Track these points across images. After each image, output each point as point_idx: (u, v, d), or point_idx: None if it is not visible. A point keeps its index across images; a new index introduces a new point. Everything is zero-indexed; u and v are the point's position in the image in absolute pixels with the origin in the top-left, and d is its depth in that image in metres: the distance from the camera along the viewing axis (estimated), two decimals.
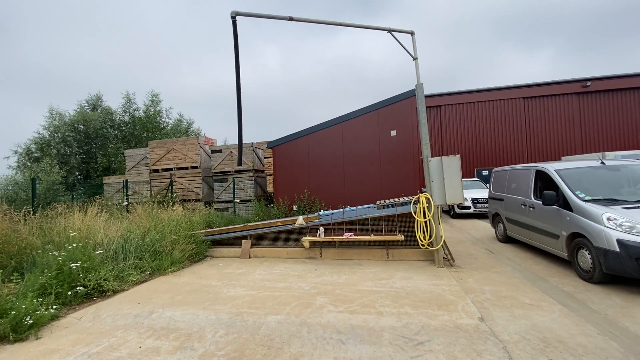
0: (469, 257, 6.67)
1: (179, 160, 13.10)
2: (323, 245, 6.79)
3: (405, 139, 9.91)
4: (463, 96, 20.40)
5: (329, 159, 10.49)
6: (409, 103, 9.86)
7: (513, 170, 7.49)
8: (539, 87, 19.61)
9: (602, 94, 19.05)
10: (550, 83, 19.50)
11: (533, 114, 19.51)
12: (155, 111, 22.21)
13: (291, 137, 10.77)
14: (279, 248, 7.04)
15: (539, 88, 19.61)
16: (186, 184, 12.89)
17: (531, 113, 19.54)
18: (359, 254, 6.57)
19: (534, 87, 19.62)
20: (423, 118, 5.92)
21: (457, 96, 20.48)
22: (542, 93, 19.46)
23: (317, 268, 6.03)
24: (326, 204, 10.24)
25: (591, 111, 19.14)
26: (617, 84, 18.60)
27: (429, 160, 5.81)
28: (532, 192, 6.43)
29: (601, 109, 19.07)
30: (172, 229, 6.80)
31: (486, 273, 5.48)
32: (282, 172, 10.91)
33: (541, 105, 19.52)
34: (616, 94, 18.92)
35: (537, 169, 6.37)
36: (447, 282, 4.98)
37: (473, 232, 9.68)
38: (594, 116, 19.10)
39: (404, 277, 5.30)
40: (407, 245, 6.45)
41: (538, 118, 19.43)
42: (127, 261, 5.77)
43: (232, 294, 4.75)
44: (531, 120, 19.49)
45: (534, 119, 19.47)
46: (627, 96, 18.72)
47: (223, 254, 7.28)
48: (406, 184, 9.94)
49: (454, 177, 5.56)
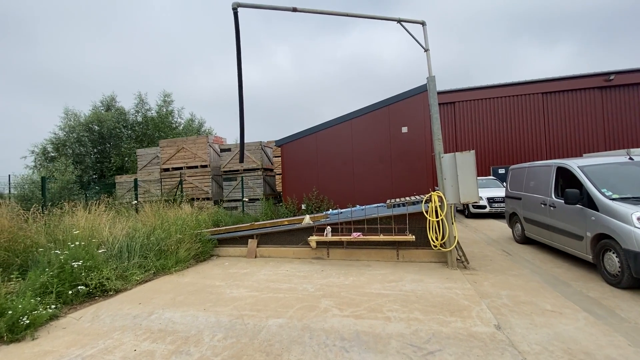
0: (485, 258, 6.34)
1: (188, 159, 13.12)
2: (330, 246, 6.57)
3: (417, 136, 9.58)
4: (478, 92, 19.79)
5: (337, 157, 10.26)
6: (421, 99, 9.52)
7: (532, 168, 7.09)
8: (559, 82, 18.82)
9: (627, 88, 18.13)
10: (571, 77, 18.68)
11: (553, 109, 18.74)
12: (167, 111, 22.46)
13: (299, 135, 10.59)
14: (285, 248, 6.87)
15: (559, 83, 18.83)
16: (196, 183, 12.90)
17: (551, 109, 18.77)
18: (368, 254, 6.33)
19: (553, 82, 18.83)
20: (435, 112, 5.62)
21: (472, 92, 19.88)
22: (563, 88, 18.67)
23: (324, 269, 5.83)
24: (335, 203, 10.01)
25: (615, 106, 18.24)
26: None
27: (442, 157, 5.52)
28: (552, 191, 6.05)
29: (626, 103, 18.15)
30: (177, 228, 6.72)
31: (503, 276, 5.15)
32: (290, 171, 10.75)
33: (561, 100, 18.72)
34: None
35: (559, 165, 5.97)
36: (461, 285, 4.69)
37: (489, 233, 9.28)
38: (617, 111, 18.20)
39: (414, 279, 5.03)
40: (418, 246, 6.16)
41: (558, 114, 18.65)
42: (132, 260, 5.70)
43: (234, 295, 4.60)
44: (550, 116, 18.72)
45: (553, 114, 18.70)
46: None
47: (229, 253, 7.16)
48: (418, 182, 9.61)
49: (468, 174, 5.25)
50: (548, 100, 18.89)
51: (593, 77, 18.44)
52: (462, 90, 20.09)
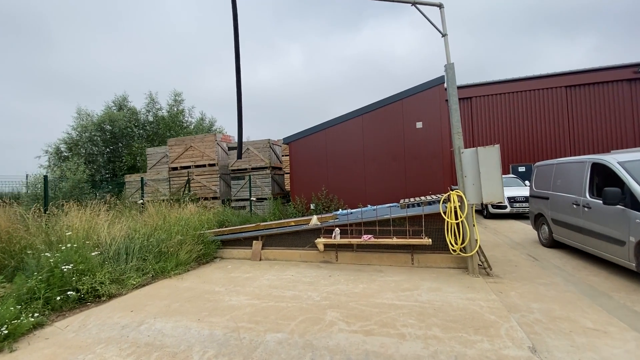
0: (509, 264, 5.77)
1: (197, 158, 12.91)
2: (339, 249, 6.14)
3: (433, 132, 9.02)
4: (497, 86, 18.89)
5: (348, 154, 9.80)
6: (437, 92, 8.95)
7: (561, 164, 6.46)
8: (584, 75, 17.74)
9: None
10: (597, 69, 17.57)
11: (577, 104, 17.68)
12: (178, 110, 22.45)
13: (308, 132, 10.18)
14: (291, 250, 6.48)
15: (584, 75, 17.74)
16: (204, 182, 12.67)
17: (575, 103, 17.72)
18: (380, 258, 5.86)
19: (578, 75, 17.77)
20: (454, 103, 5.10)
21: (490, 87, 18.99)
22: (588, 81, 17.58)
23: (332, 274, 5.40)
24: (345, 203, 9.56)
25: None
26: None
27: (462, 152, 5.00)
28: (586, 189, 5.43)
29: None
30: (179, 229, 6.43)
31: (531, 285, 4.60)
32: (298, 169, 10.35)
33: (587, 94, 17.64)
34: None
35: (594, 161, 5.35)
36: (485, 296, 4.18)
37: (511, 235, 8.65)
38: None
39: (431, 288, 4.54)
40: (435, 250, 5.66)
41: (583, 108, 17.58)
42: (129, 263, 5.42)
43: (233, 303, 4.23)
44: (575, 111, 17.68)
45: (578, 109, 17.64)
46: None
47: (233, 255, 6.83)
48: (434, 181, 9.05)
49: (492, 171, 4.72)
50: (572, 94, 17.84)
51: (621, 68, 17.28)
52: (480, 84, 19.24)
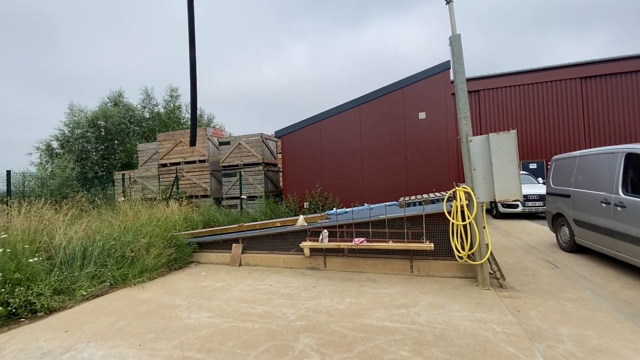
0: (525, 272, 4.94)
1: (186, 153, 12.23)
2: (328, 253, 5.37)
3: (437, 123, 8.18)
4: (506, 79, 17.87)
5: (344, 148, 9.00)
6: (442, 79, 8.11)
7: (586, 157, 5.59)
8: (600, 65, 16.67)
9: None
10: (614, 59, 16.47)
11: (593, 96, 16.61)
12: (174, 106, 21.84)
13: (301, 125, 9.41)
14: (275, 255, 5.72)
15: (599, 66, 16.67)
16: (194, 179, 11.99)
17: (591, 95, 16.65)
18: (374, 265, 5.07)
19: (594, 65, 16.70)
20: (461, 82, 4.28)
21: (499, 79, 17.98)
22: (604, 72, 16.51)
23: (317, 284, 4.62)
24: (341, 202, 8.78)
25: None
26: None
27: (470, 140, 4.18)
28: (619, 185, 4.57)
29: None
30: (149, 230, 5.72)
31: (555, 301, 3.78)
32: (291, 165, 9.59)
33: (603, 85, 16.56)
34: None
35: (630, 151, 4.49)
36: (499, 316, 3.37)
37: (524, 237, 7.78)
38: None
39: (432, 304, 3.75)
40: (438, 256, 4.85)
41: (599, 101, 16.51)
42: (85, 269, 4.72)
43: (190, 322, 3.48)
44: (591, 104, 16.61)
45: (593, 102, 16.57)
46: None
47: (211, 259, 6.09)
48: (439, 178, 8.21)
49: (508, 162, 3.89)
50: (587, 86, 16.77)
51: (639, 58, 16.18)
52: (488, 77, 18.25)
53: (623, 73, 16.40)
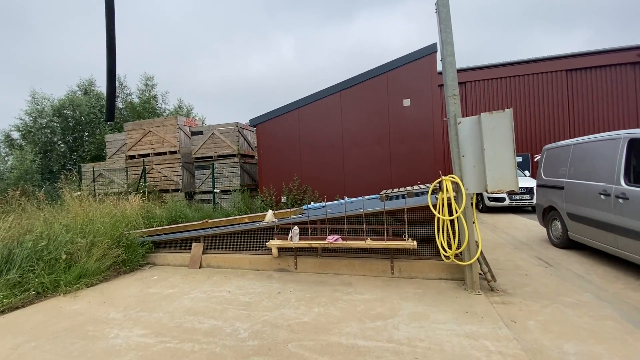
0: (517, 272, 4.45)
1: (156, 144, 11.33)
2: (300, 253, 4.74)
3: (423, 110, 7.63)
4: (492, 70, 17.54)
5: (324, 137, 8.37)
6: (428, 63, 7.54)
7: (582, 145, 5.12)
8: (585, 58, 16.52)
9: None
10: (599, 52, 16.35)
11: (578, 88, 16.48)
12: (150, 96, 20.67)
13: (278, 112, 8.71)
14: (240, 255, 5.06)
15: (585, 58, 16.51)
16: (164, 172, 11.12)
17: (576, 88, 16.51)
18: (350, 266, 4.48)
19: (579, 58, 16.54)
20: (449, 55, 3.68)
21: (485, 71, 17.63)
22: (589, 64, 16.38)
23: (283, 289, 4.00)
24: (321, 195, 8.17)
25: None
26: None
27: (459, 122, 3.60)
28: (621, 175, 4.10)
29: None
30: (91, 228, 4.95)
31: (554, 307, 3.27)
32: (267, 156, 8.90)
33: (588, 78, 16.44)
34: None
35: (634, 136, 4.01)
36: (492, 329, 2.82)
37: (512, 232, 7.36)
38: None
39: (414, 314, 3.17)
40: (422, 255, 4.30)
41: (584, 93, 16.39)
42: (6, 275, 3.95)
43: (116, 344, 2.80)
44: (576, 97, 16.47)
45: (579, 94, 16.44)
46: None
47: (168, 261, 5.38)
48: (423, 170, 7.70)
49: (502, 146, 3.33)
50: (573, 79, 16.63)
51: (625, 51, 16.12)
52: (474, 68, 17.87)
53: (608, 66, 16.31)
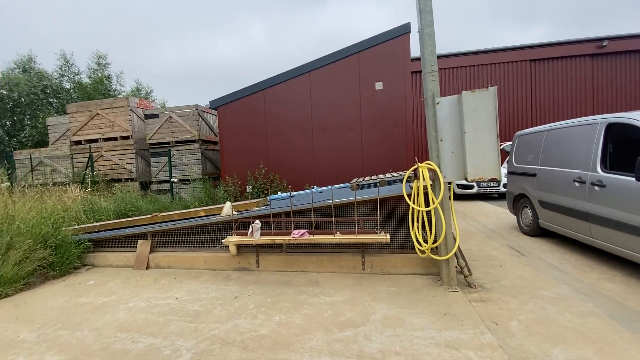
0: (491, 263, 4.25)
1: (105, 128, 10.18)
2: (262, 250, 4.25)
3: (396, 95, 7.26)
4: (459, 59, 17.58)
5: (292, 122, 7.80)
6: (402, 44, 7.15)
7: (555, 131, 4.99)
8: (550, 48, 17.05)
9: (618, 55, 16.64)
10: (562, 43, 16.90)
11: (541, 78, 16.99)
12: (102, 75, 18.80)
13: (242, 94, 7.99)
14: (194, 253, 4.47)
15: (549, 49, 17.04)
16: (116, 160, 10.05)
17: (539, 77, 17.01)
18: (318, 263, 4.06)
19: (543, 48, 17.04)
20: (428, 25, 3.25)
21: (454, 59, 17.64)
22: (553, 55, 16.90)
23: (241, 293, 3.50)
24: (289, 184, 7.65)
25: (605, 75, 16.77)
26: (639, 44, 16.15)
27: (437, 102, 3.21)
28: (598, 162, 3.95)
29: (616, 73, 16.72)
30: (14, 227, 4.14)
31: (534, 304, 3.05)
32: (230, 142, 8.19)
33: (551, 68, 16.99)
34: (634, 56, 16.55)
35: (612, 121, 3.85)
36: (474, 333, 2.51)
37: (482, 219, 7.30)
38: (607, 81, 16.75)
39: (388, 318, 2.81)
40: (395, 248, 3.97)
41: (546, 83, 16.94)
42: None
43: None
44: (539, 86, 16.99)
45: (542, 84, 16.97)
46: None
47: (109, 261, 4.67)
48: (396, 157, 7.41)
49: (484, 129, 2.99)
50: (537, 68, 17.11)
51: (586, 42, 16.77)
52: (443, 56, 17.80)
53: (570, 57, 16.91)
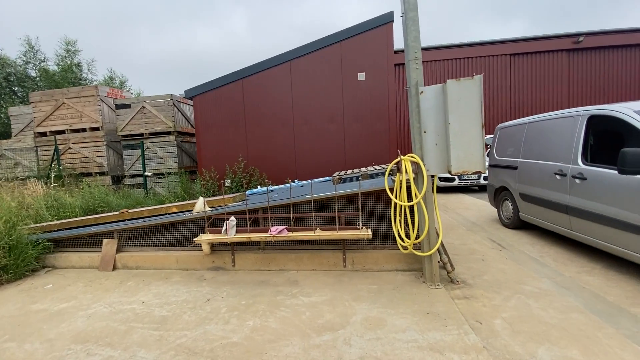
0: (473, 257, 4.20)
1: (73, 119, 9.55)
2: (238, 248, 4.03)
3: (379, 86, 7.10)
4: (442, 52, 17.61)
5: (273, 114, 7.52)
6: (384, 33, 6.96)
7: (537, 123, 4.96)
8: (528, 43, 17.31)
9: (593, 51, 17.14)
10: (540, 38, 17.23)
11: (519, 72, 17.28)
12: (72, 63, 17.73)
13: (219, 83, 7.61)
14: (166, 252, 4.20)
15: (527, 43, 17.30)
16: (85, 152, 9.48)
17: (519, 71, 17.29)
18: (298, 261, 3.88)
19: (522, 42, 17.28)
20: (412, 9, 3.06)
21: (436, 52, 17.63)
22: (531, 49, 17.20)
23: (214, 295, 3.28)
24: (269, 178, 7.41)
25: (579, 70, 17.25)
26: (613, 40, 16.66)
27: (421, 92, 3.05)
28: (579, 154, 3.93)
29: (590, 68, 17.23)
30: None
31: (517, 298, 2.99)
32: (207, 133, 7.83)
33: (529, 62, 17.31)
34: (609, 52, 17.08)
35: (594, 113, 3.82)
36: (458, 334, 2.41)
37: (463, 212, 7.32)
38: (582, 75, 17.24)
39: (369, 319, 2.67)
40: (377, 244, 3.84)
41: (525, 77, 17.25)
42: None
43: None
44: (518, 80, 17.29)
45: (521, 78, 17.27)
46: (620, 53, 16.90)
47: (72, 262, 4.32)
48: (379, 149, 7.28)
49: (470, 120, 2.86)
50: (516, 62, 17.38)
51: (562, 38, 17.16)
52: (425, 49, 17.79)
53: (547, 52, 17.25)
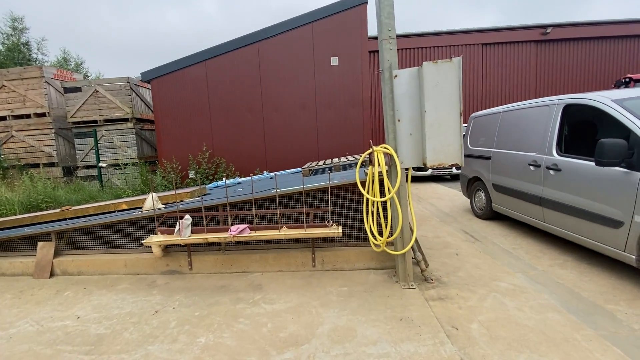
0: (447, 252, 4.06)
1: (15, 103, 8.52)
2: (196, 249, 3.63)
3: (352, 71, 6.77)
4: (416, 40, 17.40)
5: (240, 99, 7.01)
6: (359, 15, 6.60)
7: (512, 112, 4.84)
8: (499, 33, 17.56)
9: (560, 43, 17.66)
10: (510, 28, 17.56)
11: (491, 62, 17.53)
12: (18, 41, 15.98)
13: (180, 65, 6.96)
14: (113, 255, 3.72)
15: (498, 33, 17.54)
16: (30, 141, 8.52)
17: (489, 61, 17.53)
18: (262, 261, 3.55)
19: (492, 32, 17.51)
20: None
21: (409, 39, 17.32)
22: (502, 39, 17.45)
23: (164, 306, 2.89)
24: (237, 169, 6.96)
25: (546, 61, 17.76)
26: (579, 32, 17.19)
27: (395, 76, 2.75)
28: (553, 144, 3.83)
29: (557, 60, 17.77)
30: None
31: (493, 299, 2.84)
32: (167, 120, 7.21)
33: (499, 52, 17.58)
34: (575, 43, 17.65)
35: (570, 102, 3.70)
36: (433, 345, 2.19)
37: (436, 202, 7.26)
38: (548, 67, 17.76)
39: (337, 330, 2.41)
40: (348, 241, 3.58)
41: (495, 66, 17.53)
42: None
43: None
44: (488, 70, 17.54)
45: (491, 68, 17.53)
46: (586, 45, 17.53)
47: (2, 269, 3.75)
48: (352, 139, 7.00)
49: (447, 108, 2.60)
50: (487, 52, 17.58)
51: (531, 29, 17.54)
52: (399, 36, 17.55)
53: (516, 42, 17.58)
